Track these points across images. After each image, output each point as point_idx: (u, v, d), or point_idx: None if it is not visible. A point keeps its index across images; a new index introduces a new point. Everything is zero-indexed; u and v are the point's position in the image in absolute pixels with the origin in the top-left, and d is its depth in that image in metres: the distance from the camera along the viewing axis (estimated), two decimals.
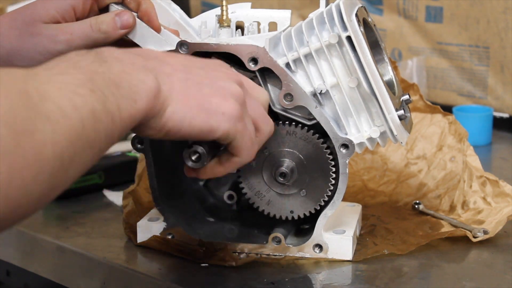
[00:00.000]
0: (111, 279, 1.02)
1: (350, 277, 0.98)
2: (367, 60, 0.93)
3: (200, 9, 1.92)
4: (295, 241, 1.02)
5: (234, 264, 0.98)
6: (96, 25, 0.95)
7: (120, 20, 0.96)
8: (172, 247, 1.01)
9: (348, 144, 0.96)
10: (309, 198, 0.99)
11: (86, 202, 1.21)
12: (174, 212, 1.02)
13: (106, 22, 0.95)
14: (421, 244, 1.03)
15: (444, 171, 1.20)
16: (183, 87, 0.81)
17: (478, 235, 1.05)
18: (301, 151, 0.98)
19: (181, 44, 0.96)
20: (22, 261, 1.13)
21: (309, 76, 0.96)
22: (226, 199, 1.05)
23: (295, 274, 0.97)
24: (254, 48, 0.95)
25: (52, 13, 0.95)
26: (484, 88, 1.61)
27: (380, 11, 1.70)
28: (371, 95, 0.95)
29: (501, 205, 1.10)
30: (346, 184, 0.97)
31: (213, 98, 0.82)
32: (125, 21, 0.96)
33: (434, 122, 1.24)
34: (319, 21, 0.96)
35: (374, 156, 1.25)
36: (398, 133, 0.96)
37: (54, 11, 0.96)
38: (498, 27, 1.56)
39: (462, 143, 1.19)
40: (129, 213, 1.08)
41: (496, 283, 0.97)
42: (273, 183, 1.00)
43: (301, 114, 0.98)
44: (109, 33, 0.95)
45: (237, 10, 1.05)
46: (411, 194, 1.19)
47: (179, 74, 0.82)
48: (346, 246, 1.00)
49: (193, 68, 0.84)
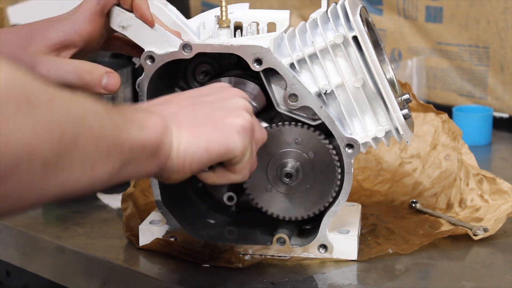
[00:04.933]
0: (111, 279, 1.02)
1: (355, 277, 0.98)
2: (373, 60, 0.94)
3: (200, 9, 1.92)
4: (298, 241, 1.02)
5: (240, 266, 0.98)
6: (81, 73, 0.94)
7: (107, 81, 0.95)
8: (176, 249, 1.01)
9: (353, 144, 0.96)
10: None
11: (86, 202, 1.21)
12: (176, 214, 1.02)
13: (92, 75, 0.94)
14: (424, 244, 1.03)
15: (439, 170, 1.20)
16: (191, 120, 0.81)
17: (478, 233, 1.05)
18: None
19: (185, 45, 0.95)
20: (22, 261, 1.13)
21: (313, 76, 0.96)
22: (225, 200, 1.05)
23: (298, 274, 0.97)
24: (259, 49, 0.95)
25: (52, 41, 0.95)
26: (484, 88, 1.61)
27: (380, 11, 1.70)
28: (377, 94, 0.95)
29: (499, 202, 1.11)
30: (351, 184, 0.98)
31: (225, 119, 0.83)
32: (111, 85, 0.95)
33: (427, 121, 1.24)
34: (323, 21, 0.96)
35: (368, 156, 1.26)
36: (404, 132, 0.96)
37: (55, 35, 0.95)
38: (498, 27, 1.56)
39: (456, 141, 1.19)
40: (129, 216, 1.08)
41: (496, 283, 0.97)
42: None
43: (305, 114, 0.98)
44: (89, 86, 0.94)
45: (235, 11, 1.05)
46: (407, 193, 1.20)
47: (185, 110, 0.82)
48: (351, 246, 1.00)
49: (199, 97, 0.85)
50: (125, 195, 1.10)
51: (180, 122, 0.80)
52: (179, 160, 0.79)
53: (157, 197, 1.01)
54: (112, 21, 0.97)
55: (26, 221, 1.15)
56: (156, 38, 0.96)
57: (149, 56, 0.96)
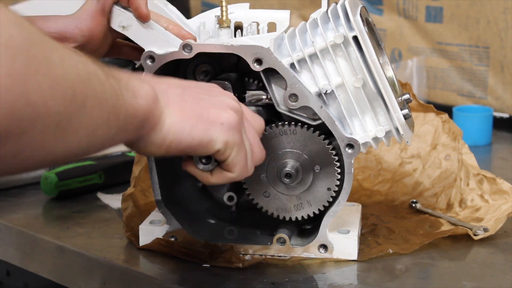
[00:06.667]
0: (111, 279, 1.02)
1: (355, 277, 0.98)
2: (373, 60, 0.94)
3: (200, 9, 1.92)
4: (298, 241, 1.02)
5: (240, 266, 0.98)
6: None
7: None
8: (176, 249, 1.01)
9: (354, 144, 0.96)
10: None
11: (86, 202, 1.21)
12: (176, 214, 1.02)
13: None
14: (424, 243, 1.03)
15: (440, 170, 1.20)
16: (179, 100, 0.81)
17: (478, 233, 1.05)
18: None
19: (185, 45, 0.95)
20: (22, 261, 1.13)
21: (314, 76, 0.96)
22: (226, 200, 1.05)
23: (298, 274, 0.97)
24: (259, 49, 0.95)
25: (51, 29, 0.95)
26: (484, 88, 1.61)
27: (380, 11, 1.70)
28: (377, 94, 0.95)
29: (499, 202, 1.11)
30: (351, 184, 0.98)
31: (211, 109, 0.83)
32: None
33: (427, 121, 1.24)
34: (324, 21, 0.96)
35: (368, 155, 1.26)
36: (405, 132, 0.96)
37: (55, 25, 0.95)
38: (498, 27, 1.56)
39: (456, 141, 1.19)
40: (129, 216, 1.08)
41: (496, 283, 0.97)
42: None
43: (306, 114, 0.98)
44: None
45: (235, 11, 1.05)
46: (407, 193, 1.20)
47: (175, 89, 0.82)
48: (351, 246, 1.00)
49: (189, 87, 0.86)
50: (125, 195, 1.10)
51: (168, 99, 0.80)
52: (161, 135, 0.79)
53: (157, 197, 1.01)
54: (112, 21, 0.97)
55: (26, 221, 1.15)
56: (156, 38, 0.96)
57: (149, 56, 0.96)
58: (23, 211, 1.19)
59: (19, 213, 1.19)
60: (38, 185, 1.24)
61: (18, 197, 1.24)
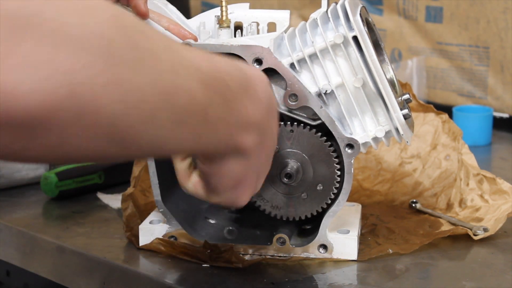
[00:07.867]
0: (111, 279, 1.02)
1: (355, 277, 0.98)
2: (373, 60, 0.94)
3: (200, 9, 1.92)
4: (298, 241, 1.02)
5: (240, 266, 0.98)
6: None
7: None
8: (177, 249, 1.01)
9: (354, 144, 0.96)
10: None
11: (86, 202, 1.21)
12: (176, 214, 1.02)
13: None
14: (424, 243, 1.03)
15: (440, 170, 1.20)
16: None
17: (478, 233, 1.05)
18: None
19: (185, 45, 0.95)
20: (22, 261, 1.13)
21: (313, 76, 0.96)
22: None
23: (298, 274, 0.97)
24: (259, 49, 0.95)
25: None
26: (484, 88, 1.61)
27: (380, 11, 1.70)
28: (377, 94, 0.95)
29: (499, 202, 1.11)
30: (351, 184, 0.98)
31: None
32: None
33: (427, 121, 1.24)
34: (324, 21, 0.96)
35: (368, 155, 1.26)
36: (404, 132, 0.96)
37: None
38: (498, 27, 1.56)
39: (456, 141, 1.19)
40: (129, 216, 1.08)
41: (496, 283, 0.97)
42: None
43: (305, 114, 0.98)
44: None
45: (235, 11, 1.05)
46: (407, 193, 1.20)
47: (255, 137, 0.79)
48: (351, 246, 1.00)
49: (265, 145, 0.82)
50: (125, 195, 1.10)
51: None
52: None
53: (157, 197, 1.01)
54: None
55: (26, 221, 1.15)
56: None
57: None
58: (23, 211, 1.20)
59: (19, 213, 1.19)
60: (38, 185, 1.24)
61: (18, 197, 1.24)
